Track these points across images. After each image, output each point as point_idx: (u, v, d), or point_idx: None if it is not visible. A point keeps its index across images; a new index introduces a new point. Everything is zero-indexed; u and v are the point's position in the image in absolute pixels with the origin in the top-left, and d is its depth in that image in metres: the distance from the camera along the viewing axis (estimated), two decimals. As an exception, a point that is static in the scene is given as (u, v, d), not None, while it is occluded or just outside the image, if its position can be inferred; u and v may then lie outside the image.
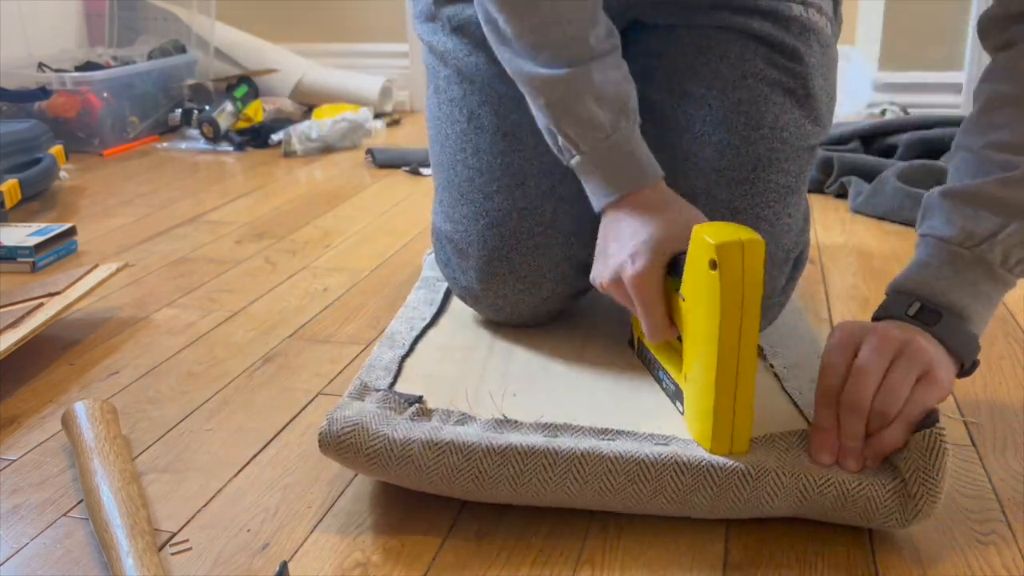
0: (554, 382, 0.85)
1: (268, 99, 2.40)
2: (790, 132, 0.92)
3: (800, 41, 0.93)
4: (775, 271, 0.92)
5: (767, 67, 0.92)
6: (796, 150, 0.92)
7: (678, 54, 0.94)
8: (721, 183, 0.90)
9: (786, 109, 0.92)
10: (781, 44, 0.93)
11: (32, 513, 0.74)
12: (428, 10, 1.01)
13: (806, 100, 0.93)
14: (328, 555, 0.68)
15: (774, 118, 0.91)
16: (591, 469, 0.69)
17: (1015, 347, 1.02)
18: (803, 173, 0.94)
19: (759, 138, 0.91)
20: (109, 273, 1.14)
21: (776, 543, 0.69)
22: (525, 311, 0.95)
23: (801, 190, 0.94)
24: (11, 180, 1.56)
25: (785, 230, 0.92)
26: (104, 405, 0.84)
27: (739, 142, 0.90)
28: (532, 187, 0.92)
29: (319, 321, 1.13)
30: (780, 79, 0.92)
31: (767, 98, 0.92)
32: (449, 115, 0.98)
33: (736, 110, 0.91)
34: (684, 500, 0.68)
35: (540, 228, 0.92)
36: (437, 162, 1.00)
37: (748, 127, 0.91)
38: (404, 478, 0.71)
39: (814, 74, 0.94)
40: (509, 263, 0.93)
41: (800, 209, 0.94)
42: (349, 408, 0.74)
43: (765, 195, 0.90)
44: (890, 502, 0.66)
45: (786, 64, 0.92)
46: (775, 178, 0.91)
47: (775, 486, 0.67)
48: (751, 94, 0.92)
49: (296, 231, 1.52)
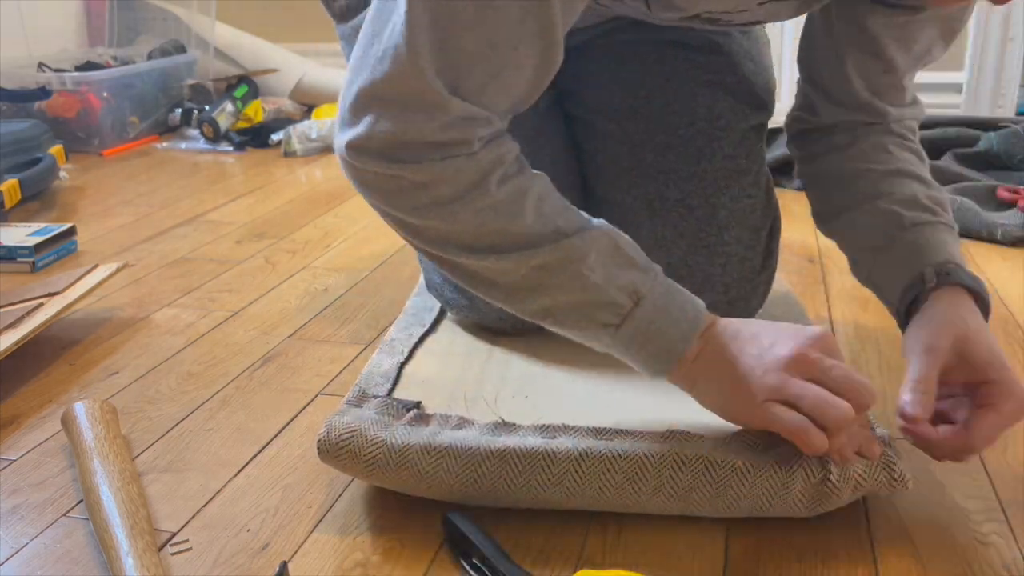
0: (553, 385, 0.85)
1: (268, 99, 2.40)
2: (727, 119, 0.94)
3: (717, 35, 0.95)
4: (747, 252, 0.94)
5: (688, 67, 0.94)
6: (737, 134, 0.94)
7: (599, 71, 0.96)
8: (670, 183, 0.92)
9: (718, 99, 0.94)
10: (699, 42, 0.94)
11: (32, 513, 0.74)
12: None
13: (737, 86, 0.95)
14: (328, 555, 0.68)
15: (707, 109, 0.93)
16: (590, 468, 0.68)
17: (1015, 347, 1.02)
18: (752, 153, 0.95)
19: (696, 132, 0.93)
20: (109, 273, 1.14)
21: (776, 542, 0.68)
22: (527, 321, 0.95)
23: (753, 169, 0.95)
24: (11, 180, 1.56)
25: (747, 211, 0.93)
26: (104, 405, 0.83)
27: (677, 141, 0.92)
28: None
29: (319, 321, 1.13)
30: (703, 75, 0.94)
31: (695, 93, 0.94)
32: None
33: (667, 111, 0.93)
34: (684, 498, 0.68)
35: None
36: None
37: (683, 124, 0.93)
38: (403, 483, 0.71)
39: (741, 60, 0.96)
40: None
41: (759, 186, 0.96)
42: (347, 415, 0.74)
43: (716, 183, 0.92)
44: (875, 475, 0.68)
45: (707, 59, 0.94)
46: (722, 165, 0.93)
47: (774, 480, 0.67)
48: (678, 95, 0.94)
49: (296, 231, 1.52)
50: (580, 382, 0.85)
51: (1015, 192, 1.48)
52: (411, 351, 0.91)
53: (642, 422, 0.76)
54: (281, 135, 2.16)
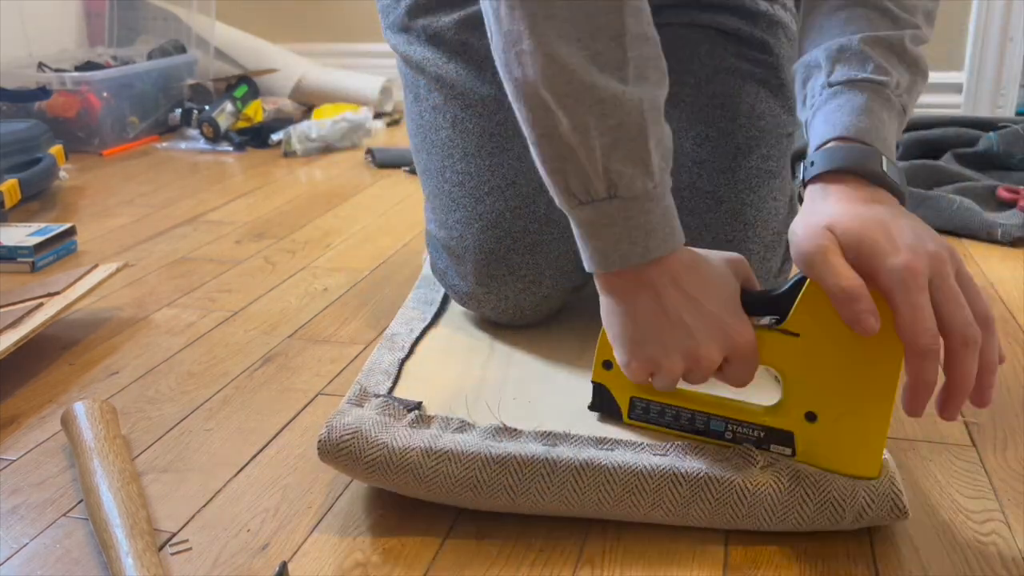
0: (554, 385, 0.85)
1: (268, 99, 2.40)
2: (767, 120, 0.94)
3: (768, 34, 0.95)
4: (768, 253, 0.94)
5: (738, 61, 0.94)
6: (775, 137, 0.94)
7: None
8: (703, 174, 0.92)
9: (761, 98, 0.94)
10: (750, 38, 0.94)
11: (32, 513, 0.74)
12: (400, 22, 1.00)
13: (779, 89, 0.95)
14: (328, 555, 0.68)
15: (750, 107, 0.93)
16: (589, 480, 0.68)
17: (1015, 347, 1.02)
18: (783, 158, 0.96)
19: (737, 128, 0.92)
20: (109, 273, 1.14)
21: (776, 543, 0.68)
22: (527, 310, 0.95)
23: (783, 175, 0.96)
24: (11, 180, 1.56)
25: (772, 213, 0.94)
26: (104, 405, 0.83)
27: (716, 134, 0.92)
28: (523, 185, 0.92)
29: (319, 321, 1.13)
30: (752, 71, 0.94)
31: (741, 89, 0.93)
32: (432, 122, 0.98)
33: (711, 103, 0.93)
34: (682, 512, 0.68)
35: (535, 226, 0.92)
36: (424, 170, 1.00)
37: (725, 118, 0.93)
38: (403, 486, 0.71)
39: (785, 65, 0.96)
40: (508, 264, 0.93)
41: (785, 192, 0.96)
42: (348, 415, 0.74)
43: (748, 181, 0.92)
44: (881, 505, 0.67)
45: (757, 56, 0.94)
46: (756, 164, 0.93)
47: (773, 500, 0.67)
48: (725, 87, 0.93)
49: (296, 231, 1.52)
50: (581, 383, 0.85)
51: (1015, 192, 1.48)
52: (412, 347, 0.91)
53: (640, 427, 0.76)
54: (281, 135, 2.16)
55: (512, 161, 0.93)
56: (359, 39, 2.78)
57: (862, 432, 0.67)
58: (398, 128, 2.45)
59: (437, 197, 0.97)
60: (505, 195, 0.93)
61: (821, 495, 0.67)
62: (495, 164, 0.93)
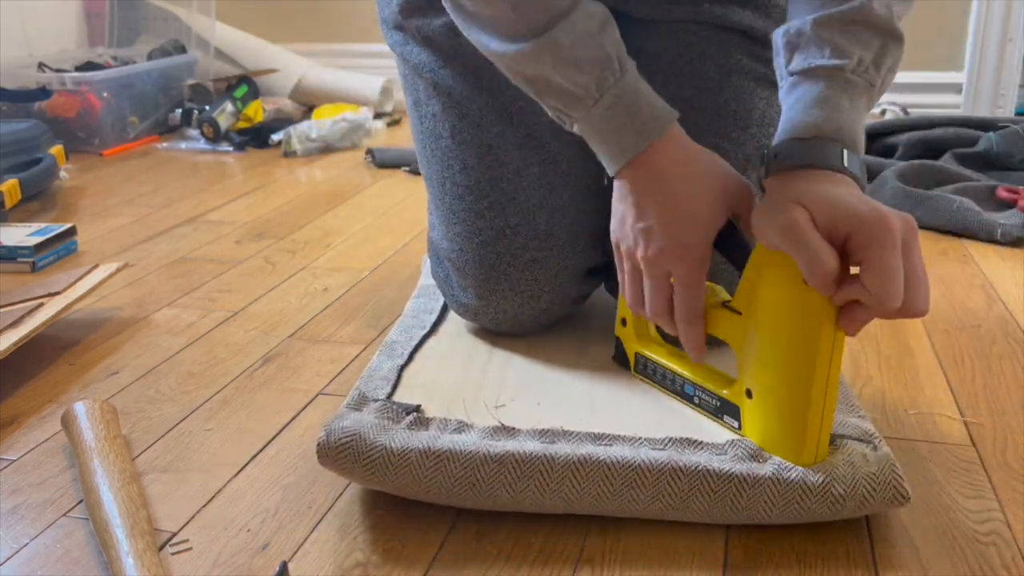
0: (552, 389, 0.85)
1: (268, 99, 2.40)
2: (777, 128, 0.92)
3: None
4: None
5: (750, 61, 0.93)
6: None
7: (659, 53, 0.93)
8: None
9: (772, 103, 0.93)
10: (763, 34, 0.93)
11: (32, 513, 0.74)
12: (395, 19, 0.99)
13: None
14: (328, 555, 0.68)
15: (760, 115, 0.92)
16: (588, 475, 0.69)
17: (1015, 347, 1.02)
18: None
19: (748, 138, 0.92)
20: (109, 273, 1.14)
21: (776, 543, 0.68)
22: (526, 322, 0.95)
23: None
24: (11, 180, 1.56)
25: None
26: (104, 405, 0.83)
27: (728, 145, 0.91)
28: (522, 201, 0.92)
29: (319, 321, 1.13)
30: (764, 72, 0.93)
31: (752, 93, 0.92)
32: (433, 130, 0.96)
33: (723, 111, 0.92)
34: (682, 505, 0.68)
35: (535, 242, 0.92)
36: (427, 176, 0.99)
37: (737, 128, 0.92)
38: (402, 488, 0.71)
39: None
40: (508, 280, 0.93)
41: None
42: (347, 419, 0.74)
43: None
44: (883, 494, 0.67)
45: (769, 55, 0.93)
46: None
47: (772, 492, 0.67)
48: (736, 92, 0.92)
49: (296, 231, 1.52)
50: (579, 385, 0.85)
51: (1015, 192, 1.48)
52: (411, 354, 0.91)
53: (642, 425, 0.76)
54: (281, 135, 2.16)
55: (511, 176, 0.92)
56: (359, 39, 2.78)
57: (786, 414, 0.69)
58: (398, 128, 2.45)
59: (439, 208, 0.97)
60: (505, 211, 0.92)
61: (822, 487, 0.67)
62: (495, 178, 0.92)
